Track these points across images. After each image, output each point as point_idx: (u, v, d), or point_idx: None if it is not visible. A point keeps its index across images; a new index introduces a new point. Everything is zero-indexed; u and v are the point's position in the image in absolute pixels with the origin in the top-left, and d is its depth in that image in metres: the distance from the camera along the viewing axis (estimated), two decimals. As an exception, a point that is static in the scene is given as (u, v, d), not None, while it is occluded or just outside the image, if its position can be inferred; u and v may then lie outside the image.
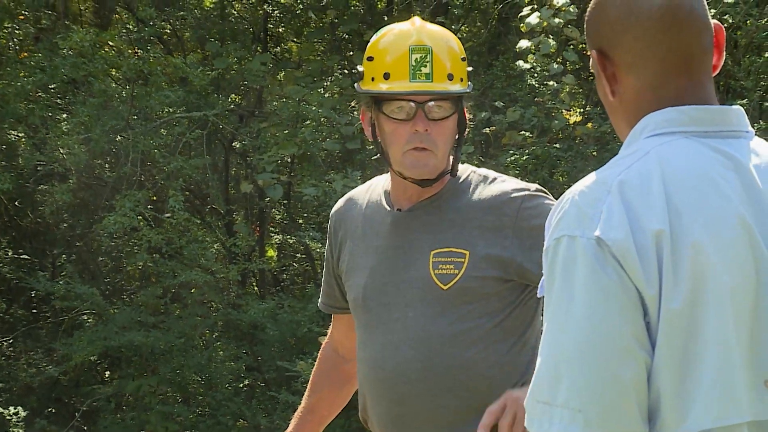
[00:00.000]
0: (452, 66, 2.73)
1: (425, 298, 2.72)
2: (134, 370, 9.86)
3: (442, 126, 2.72)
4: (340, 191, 8.19)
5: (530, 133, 8.49)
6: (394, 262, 2.78)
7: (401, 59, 2.72)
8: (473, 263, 2.70)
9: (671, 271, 1.63)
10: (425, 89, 2.70)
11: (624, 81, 1.79)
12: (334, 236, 2.96)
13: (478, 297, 2.71)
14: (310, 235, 8.79)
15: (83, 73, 8.88)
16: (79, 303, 9.36)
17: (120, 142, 9.36)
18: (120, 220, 8.41)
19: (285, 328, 9.08)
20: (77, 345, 8.97)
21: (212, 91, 9.69)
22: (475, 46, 10.15)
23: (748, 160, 1.74)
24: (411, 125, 2.70)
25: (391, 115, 2.72)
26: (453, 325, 2.71)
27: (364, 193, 2.93)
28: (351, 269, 2.89)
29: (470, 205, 2.75)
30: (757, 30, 8.31)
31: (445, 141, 2.73)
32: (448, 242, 2.73)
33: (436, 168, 2.73)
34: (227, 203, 10.18)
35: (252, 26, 10.69)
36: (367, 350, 2.81)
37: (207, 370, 9.35)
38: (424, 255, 2.74)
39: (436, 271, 2.72)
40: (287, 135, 9.11)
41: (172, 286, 9.55)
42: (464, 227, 2.73)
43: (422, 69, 2.71)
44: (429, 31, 2.77)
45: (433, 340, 2.71)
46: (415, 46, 2.72)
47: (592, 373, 1.62)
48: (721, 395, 1.63)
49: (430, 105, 2.70)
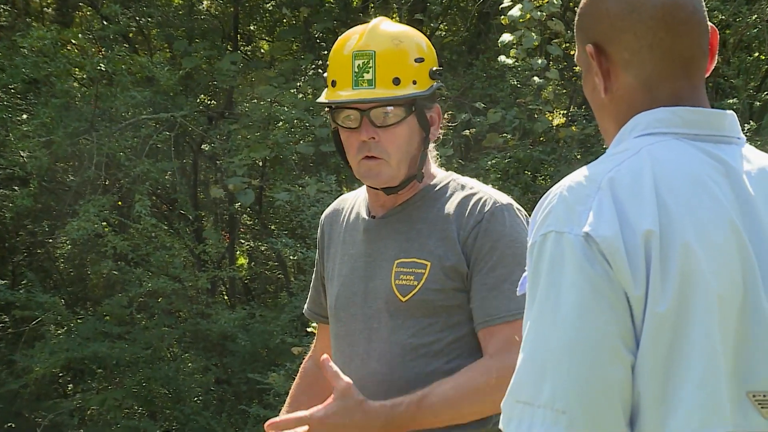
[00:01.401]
0: (400, 69, 2.71)
1: (387, 310, 2.74)
2: (98, 383, 9.79)
3: (392, 133, 2.71)
4: (313, 196, 8.16)
5: (512, 136, 8.50)
6: (363, 271, 2.80)
7: (344, 66, 2.73)
8: (433, 275, 2.70)
9: (659, 273, 1.64)
10: (365, 97, 2.69)
11: (619, 78, 1.80)
12: (321, 241, 2.99)
13: (438, 310, 2.70)
14: (282, 242, 8.70)
15: (45, 73, 8.76)
16: (41, 312, 9.25)
17: (83, 144, 9.30)
18: (84, 225, 8.38)
19: (256, 338, 9.02)
20: (38, 357, 8.87)
21: (180, 91, 9.66)
22: (454, 44, 10.08)
23: (739, 166, 1.76)
24: (359, 134, 2.72)
25: (342, 124, 2.75)
26: (414, 338, 2.71)
27: (352, 198, 2.96)
28: (330, 277, 2.92)
29: (440, 215, 2.75)
30: (746, 27, 8.35)
31: (397, 148, 2.72)
32: (412, 252, 2.74)
33: (391, 176, 2.73)
34: (196, 208, 10.15)
35: (222, 24, 10.65)
36: (337, 362, 2.82)
37: (174, 383, 9.28)
38: (388, 264, 2.76)
39: (397, 281, 2.73)
40: (259, 137, 9.07)
41: (138, 295, 9.48)
42: (430, 237, 2.73)
43: (364, 75, 2.70)
44: (379, 33, 2.75)
45: (395, 352, 2.72)
46: (358, 51, 2.72)
47: (579, 373, 1.62)
48: (705, 403, 1.64)
49: (375, 112, 2.70)
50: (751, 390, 1.68)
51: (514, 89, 8.70)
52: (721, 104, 8.00)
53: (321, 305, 3.01)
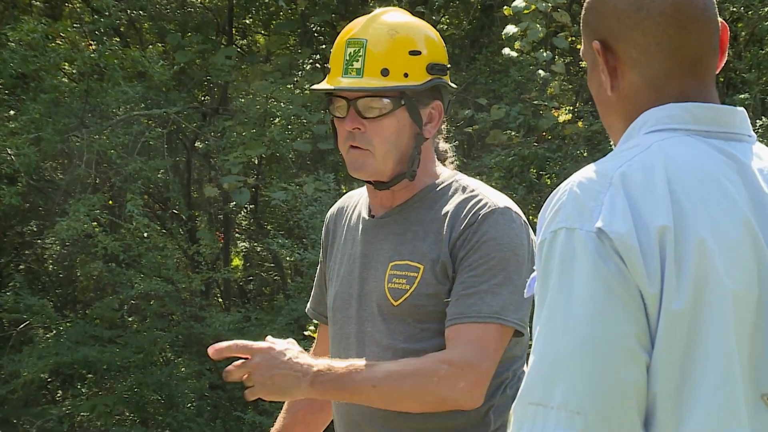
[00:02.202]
0: (391, 60, 2.70)
1: (380, 313, 2.73)
2: (88, 388, 9.78)
3: (378, 124, 2.70)
4: (311, 195, 8.15)
5: (516, 133, 8.51)
6: (360, 272, 2.79)
7: (338, 54, 2.75)
8: (426, 279, 2.68)
9: (674, 270, 1.64)
10: (351, 85, 2.70)
11: (626, 76, 1.79)
12: (325, 239, 2.98)
13: (431, 315, 2.68)
14: (278, 243, 8.65)
15: (33, 68, 8.71)
16: (29, 316, 9.26)
17: (73, 141, 9.27)
18: (74, 225, 8.35)
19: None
20: (26, 361, 8.86)
21: (173, 87, 9.66)
22: (456, 38, 10.02)
23: (751, 163, 1.77)
24: (345, 123, 2.73)
25: (334, 113, 2.76)
26: (406, 344, 2.69)
27: (356, 196, 2.94)
28: (331, 277, 2.90)
29: (437, 216, 2.73)
30: (758, 20, 8.32)
31: (383, 140, 2.71)
32: (406, 255, 2.72)
33: (376, 169, 2.72)
34: (189, 208, 10.14)
35: (216, 17, 10.62)
36: None
37: (167, 389, 9.26)
38: (382, 266, 2.74)
39: (390, 285, 2.72)
40: (254, 134, 9.06)
41: (130, 298, 9.50)
42: (425, 240, 2.72)
43: (354, 64, 2.71)
44: (378, 22, 2.75)
45: (388, 357, 2.69)
46: (351, 39, 2.73)
47: (594, 373, 1.62)
48: (722, 405, 1.64)
49: (362, 102, 2.70)
50: (766, 393, 1.68)
51: (519, 84, 8.71)
52: (733, 99, 7.94)
53: (324, 304, 2.97)
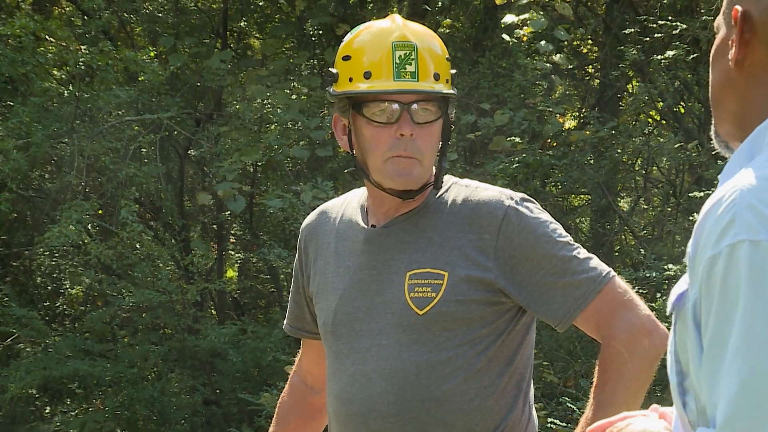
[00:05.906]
0: (437, 66, 2.76)
1: (400, 324, 2.74)
2: (78, 404, 9.76)
3: (429, 131, 2.74)
4: (309, 203, 8.15)
5: (520, 139, 8.51)
6: (367, 284, 2.80)
7: (384, 57, 2.74)
8: (452, 285, 2.72)
9: None
10: (412, 88, 2.72)
11: (756, 53, 1.73)
12: (304, 253, 2.99)
13: (458, 323, 2.72)
14: (275, 253, 8.72)
15: (23, 71, 8.78)
16: (16, 328, 9.30)
17: (63, 148, 9.30)
18: (65, 232, 8.34)
19: (247, 356, 9.04)
20: (14, 375, 8.83)
21: (166, 91, 9.72)
22: (458, 41, 10.11)
23: None
24: (395, 129, 2.73)
25: (372, 118, 2.74)
26: (430, 354, 2.73)
27: (339, 206, 2.96)
28: (321, 291, 2.91)
29: (450, 221, 2.77)
30: None
31: (431, 148, 2.75)
32: (425, 263, 2.75)
33: (420, 177, 2.75)
34: (182, 217, 10.13)
35: (210, 20, 10.68)
36: (337, 382, 2.84)
37: (160, 404, 9.20)
38: (399, 277, 2.76)
39: (412, 294, 2.74)
40: (250, 140, 9.08)
41: (121, 310, 9.44)
42: (443, 246, 2.75)
43: (407, 67, 2.73)
44: (412, 28, 2.81)
45: (408, 371, 2.73)
46: (399, 42, 2.74)
47: None
48: None
49: (415, 107, 2.72)
50: None
51: (523, 89, 8.75)
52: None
53: (304, 320, 3.02)
